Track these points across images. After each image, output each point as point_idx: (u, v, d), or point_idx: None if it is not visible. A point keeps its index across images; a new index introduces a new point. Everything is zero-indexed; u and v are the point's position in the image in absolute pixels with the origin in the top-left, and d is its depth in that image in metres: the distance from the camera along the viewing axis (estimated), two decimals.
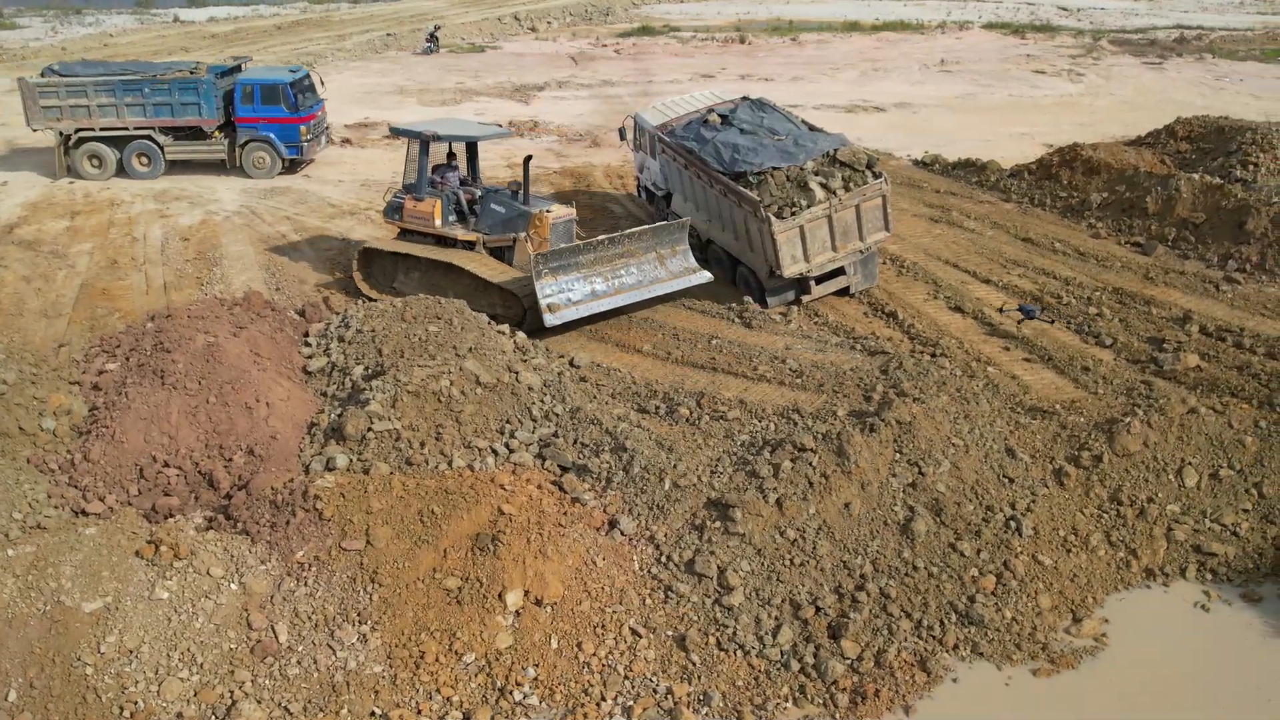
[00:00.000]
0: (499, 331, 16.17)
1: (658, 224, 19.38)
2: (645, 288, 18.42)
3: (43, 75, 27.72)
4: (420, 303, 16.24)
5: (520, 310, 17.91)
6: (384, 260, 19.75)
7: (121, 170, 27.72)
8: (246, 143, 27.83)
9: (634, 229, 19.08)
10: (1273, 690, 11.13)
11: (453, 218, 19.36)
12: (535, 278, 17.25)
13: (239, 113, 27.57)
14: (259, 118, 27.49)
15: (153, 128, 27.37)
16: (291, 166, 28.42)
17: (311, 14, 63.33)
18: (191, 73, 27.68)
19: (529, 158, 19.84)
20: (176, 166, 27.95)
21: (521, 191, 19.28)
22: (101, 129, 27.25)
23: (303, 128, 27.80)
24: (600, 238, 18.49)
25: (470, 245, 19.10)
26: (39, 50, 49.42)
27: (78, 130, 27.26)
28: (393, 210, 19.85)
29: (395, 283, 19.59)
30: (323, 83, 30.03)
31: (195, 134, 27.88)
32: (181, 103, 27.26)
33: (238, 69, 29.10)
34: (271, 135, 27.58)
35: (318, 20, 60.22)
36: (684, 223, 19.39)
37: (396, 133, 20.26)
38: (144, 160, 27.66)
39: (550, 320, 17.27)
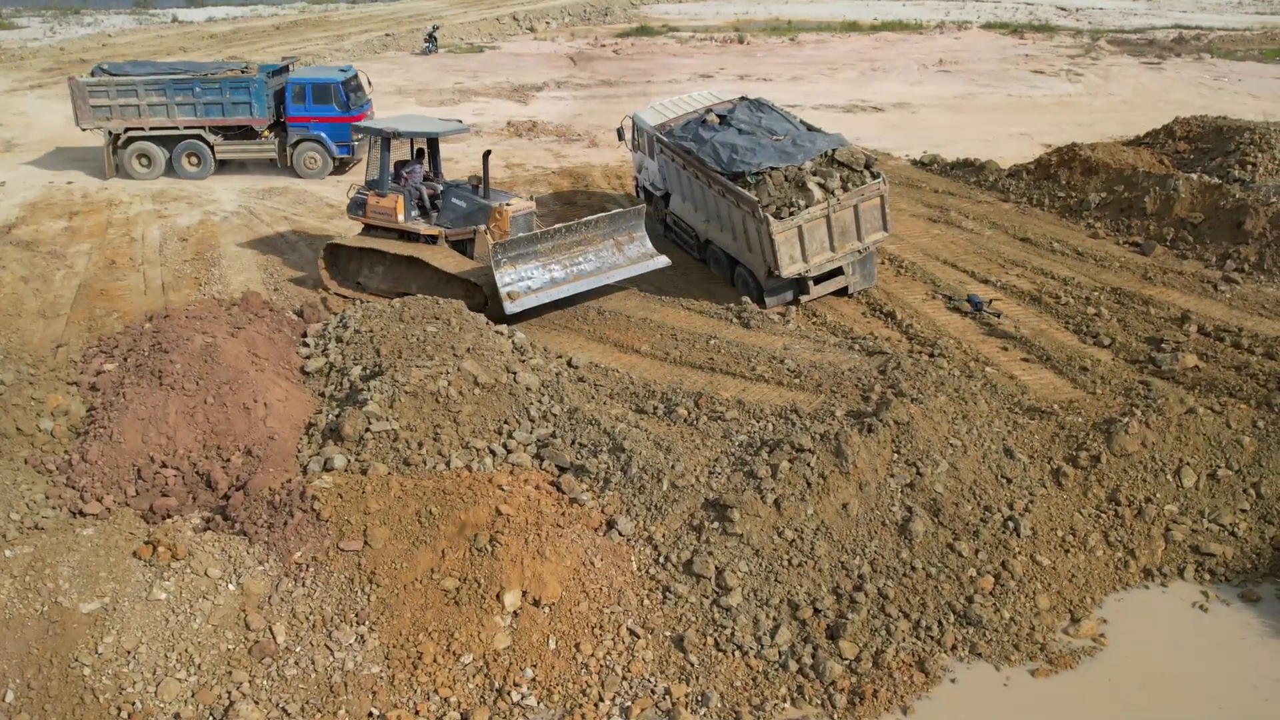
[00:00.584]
0: (497, 332, 16.16)
1: (614, 211, 19.69)
2: (604, 274, 18.78)
3: (92, 74, 27.70)
4: (418, 303, 16.24)
5: (481, 300, 18.12)
6: (349, 256, 19.97)
7: (170, 169, 27.76)
8: (298, 142, 27.90)
9: (591, 216, 19.34)
10: (1271, 690, 11.13)
11: (415, 212, 19.64)
12: (495, 267, 17.49)
13: (290, 112, 27.62)
14: (310, 117, 27.58)
15: (203, 127, 27.41)
16: (340, 166, 28.47)
17: (310, 14, 63.29)
18: (243, 72, 27.72)
19: (488, 152, 20.28)
20: (226, 166, 28.00)
21: (482, 186, 19.60)
22: (151, 128, 27.27)
23: (354, 127, 27.71)
24: (558, 226, 18.76)
25: (433, 239, 19.40)
26: (37, 50, 49.41)
27: (127, 130, 27.30)
28: (356, 206, 20.06)
29: (360, 277, 19.85)
30: (370, 82, 30.06)
31: (245, 133, 27.94)
32: (233, 102, 27.26)
33: (286, 69, 29.12)
34: (323, 135, 27.62)
35: (316, 20, 60.19)
36: (640, 209, 19.72)
37: (359, 130, 20.46)
38: (193, 160, 27.69)
39: (511, 308, 17.53)
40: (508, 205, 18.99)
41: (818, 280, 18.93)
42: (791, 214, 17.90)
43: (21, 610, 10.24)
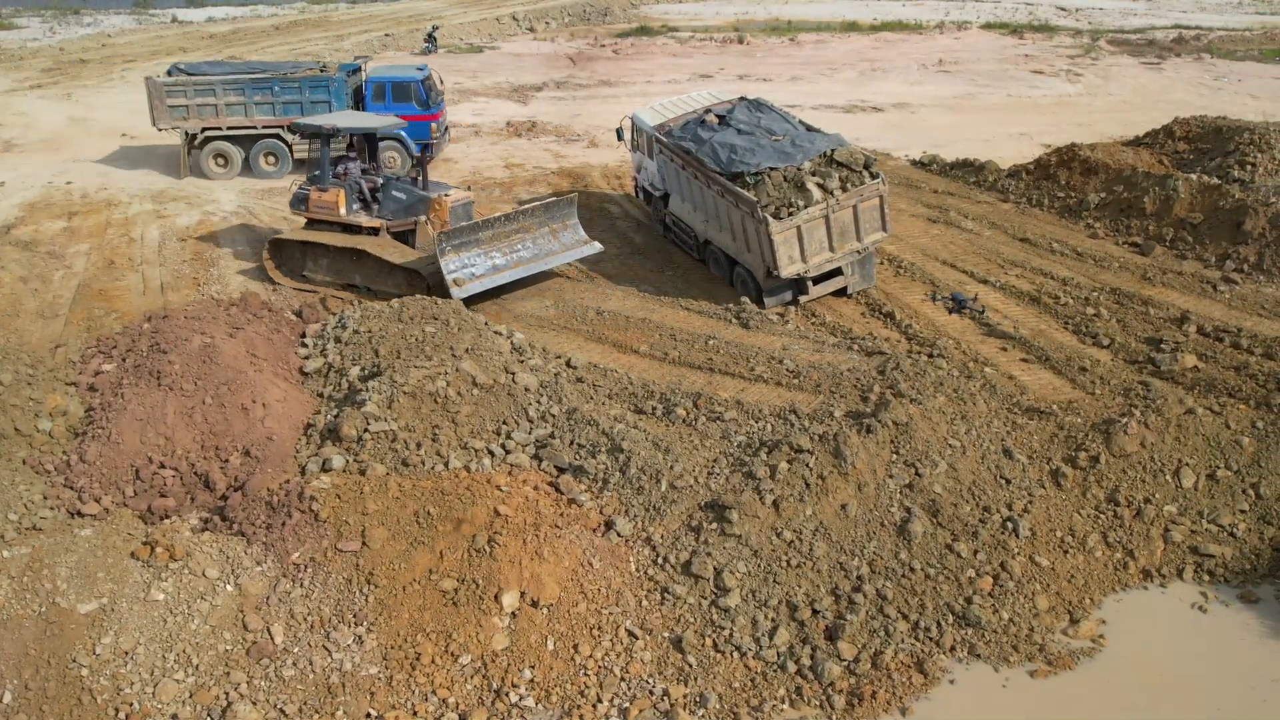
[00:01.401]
0: (495, 332, 16.16)
1: (548, 199, 20.70)
2: (541, 260, 19.72)
3: (169, 74, 27.70)
4: (417, 303, 16.25)
5: (424, 289, 18.70)
6: (293, 249, 20.36)
7: (247, 169, 27.85)
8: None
9: (526, 205, 20.38)
10: (1269, 691, 11.11)
11: (356, 205, 20.09)
12: (439, 255, 18.17)
13: (370, 110, 27.45)
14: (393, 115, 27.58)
15: (281, 126, 27.36)
16: (417, 164, 28.41)
17: (310, 14, 63.30)
18: (322, 70, 27.81)
19: (425, 146, 21.10)
20: (303, 165, 27.81)
21: (421, 178, 20.35)
22: (228, 128, 27.30)
23: (433, 125, 27.93)
24: (497, 215, 19.65)
25: (374, 231, 19.86)
26: (37, 50, 49.41)
27: (204, 130, 27.34)
28: (298, 201, 20.47)
29: (305, 270, 20.26)
30: (442, 81, 30.15)
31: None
32: (311, 101, 27.24)
33: (359, 68, 29.14)
34: (402, 133, 27.44)
35: (316, 20, 60.19)
36: (572, 198, 20.76)
37: (297, 129, 20.96)
38: (271, 159, 27.74)
39: (457, 294, 18.12)
40: (446, 196, 19.84)
41: (817, 280, 18.93)
42: (790, 214, 17.89)
43: (19, 611, 10.23)
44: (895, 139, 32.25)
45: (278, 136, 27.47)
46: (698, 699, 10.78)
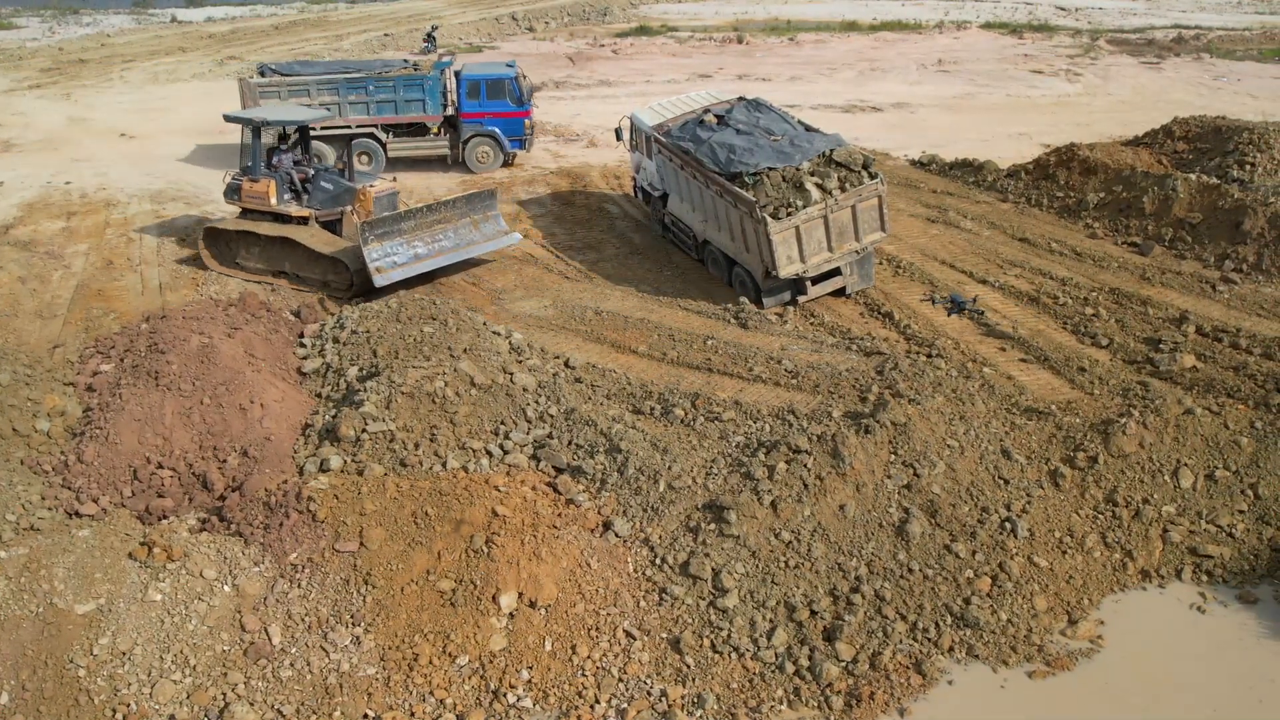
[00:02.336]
0: (494, 332, 16.15)
1: (470, 191, 21.35)
2: (462, 249, 20.53)
3: (262, 75, 27.77)
4: (415, 304, 16.24)
5: (348, 277, 19.51)
6: (227, 238, 20.92)
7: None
8: (470, 137, 28.18)
9: (449, 197, 21.19)
10: (1267, 691, 11.10)
11: (287, 196, 20.76)
12: (363, 244, 18.83)
13: (464, 108, 27.88)
14: (485, 112, 27.94)
15: (375, 125, 27.61)
16: (506, 161, 28.87)
17: (309, 14, 63.27)
18: (416, 69, 28.08)
19: (351, 139, 21.78)
20: (394, 164, 28.19)
21: (347, 169, 21.19)
22: (322, 128, 27.26)
23: (526, 121, 28.24)
24: (419, 206, 20.57)
25: (304, 220, 20.54)
26: (36, 50, 49.39)
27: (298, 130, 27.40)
28: (232, 191, 20.99)
29: (239, 258, 20.86)
30: (525, 76, 30.23)
31: (416, 130, 28.16)
32: (406, 100, 27.55)
33: (451, 66, 29.19)
34: (497, 130, 27.99)
35: (315, 20, 60.17)
36: (493, 190, 21.52)
37: (230, 120, 21.31)
38: (365, 158, 27.78)
39: (379, 281, 18.95)
40: (371, 187, 20.57)
41: (815, 281, 18.92)
42: (789, 214, 17.89)
43: (17, 611, 10.21)
44: (894, 139, 32.23)
45: (371, 135, 27.71)
46: (695, 700, 10.77)
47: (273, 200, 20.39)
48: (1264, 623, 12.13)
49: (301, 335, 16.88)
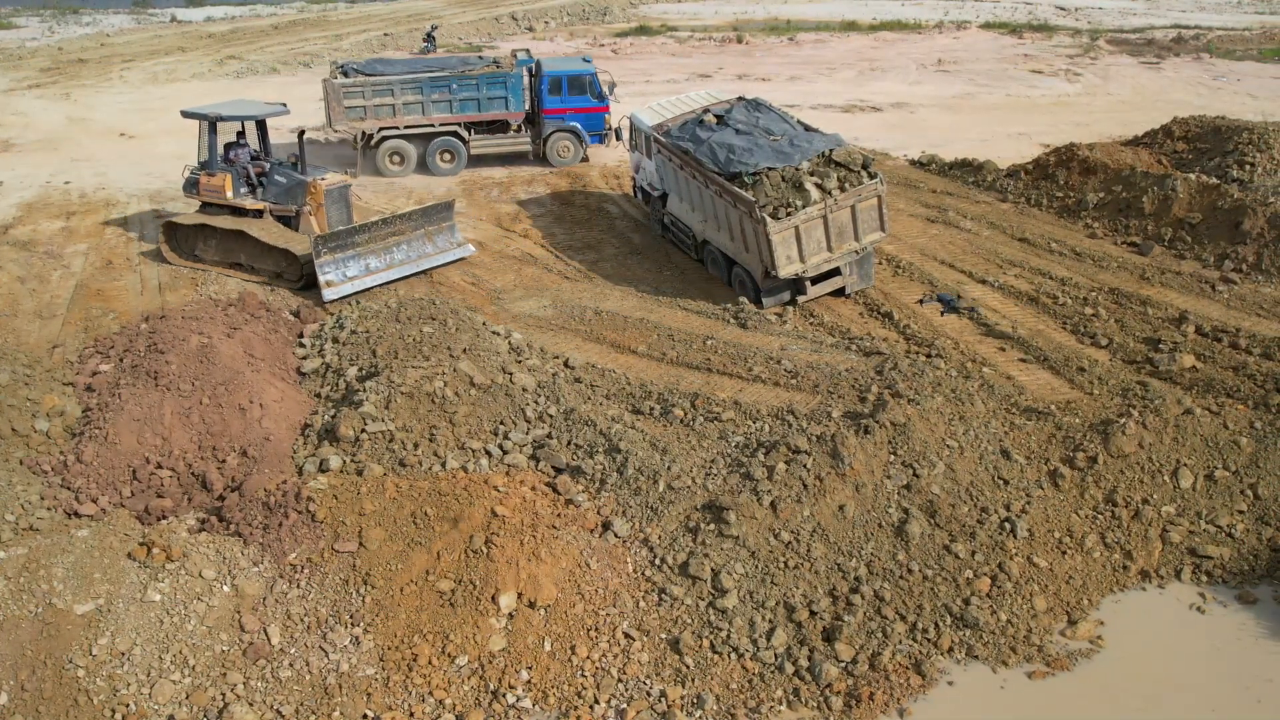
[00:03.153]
0: (494, 332, 16.15)
1: (426, 205, 21.41)
2: (414, 262, 20.49)
3: (344, 74, 27.82)
4: (415, 304, 16.24)
5: (298, 269, 19.77)
6: (186, 231, 21.25)
7: (422, 166, 28.19)
8: (552, 133, 28.48)
9: (405, 210, 21.41)
10: (1266, 692, 11.10)
11: (244, 189, 20.96)
12: (315, 258, 18.89)
13: (546, 104, 28.21)
14: (566, 108, 28.28)
15: (458, 123, 27.77)
16: (584, 156, 29.37)
17: (309, 14, 63.25)
18: (498, 66, 28.23)
19: (302, 131, 21.71)
20: (476, 161, 28.54)
21: (299, 163, 21.22)
22: (405, 127, 27.56)
23: (606, 116, 28.68)
24: (373, 219, 20.44)
25: (259, 213, 20.83)
26: (35, 50, 49.37)
27: (380, 129, 27.60)
28: (190, 185, 21.39)
29: (196, 251, 21.19)
30: (607, 71, 30.78)
31: (497, 128, 28.46)
32: (488, 97, 27.75)
33: (535, 63, 29.13)
34: (577, 125, 28.40)
35: (315, 20, 60.16)
36: (449, 202, 21.54)
37: (187, 115, 21.53)
38: (447, 157, 28.08)
39: (328, 295, 19.01)
40: (322, 180, 20.61)
41: (815, 281, 18.92)
42: (789, 214, 17.88)
43: (16, 612, 10.21)
44: (894, 139, 32.23)
45: (454, 134, 27.87)
46: (695, 700, 10.76)
47: (229, 194, 20.71)
48: (1263, 623, 12.13)
49: (301, 335, 16.88)
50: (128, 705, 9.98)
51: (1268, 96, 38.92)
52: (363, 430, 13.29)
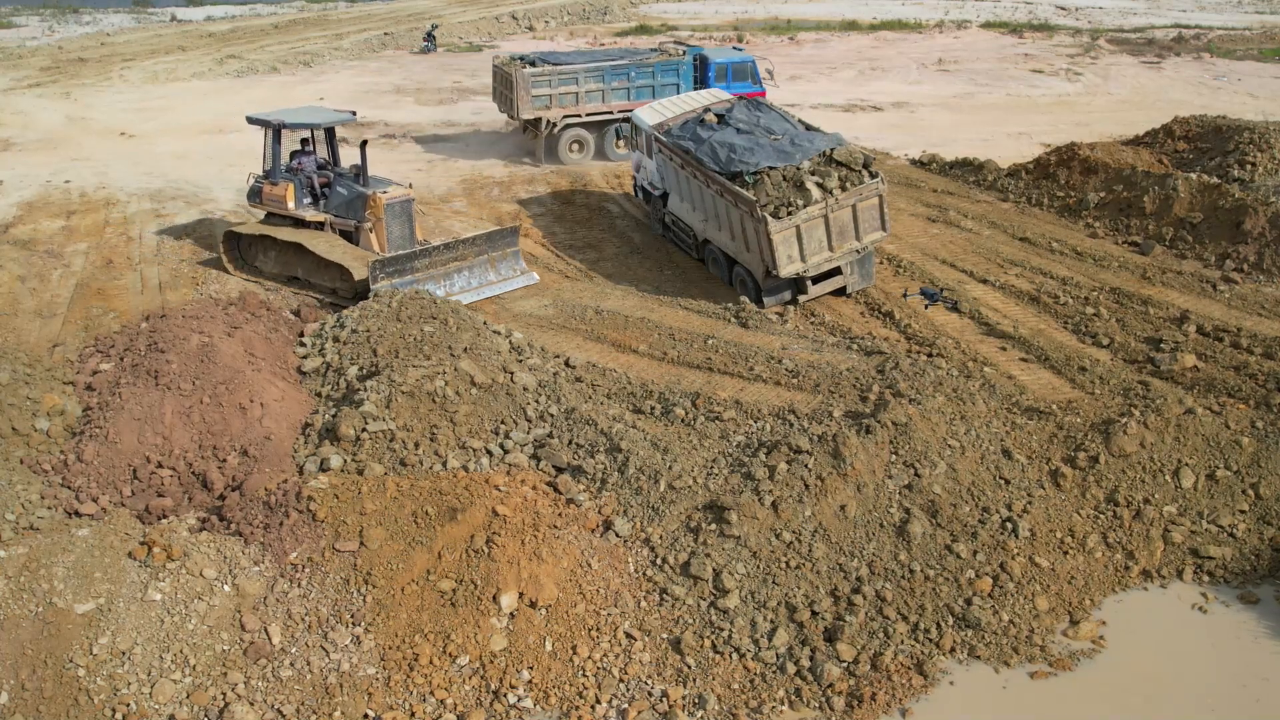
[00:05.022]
0: (494, 331, 16.14)
1: (491, 230, 20.50)
2: (475, 290, 19.42)
3: (533, 65, 28.56)
4: (415, 303, 16.20)
5: (354, 290, 18.73)
6: (247, 242, 20.70)
7: (599, 153, 28.99)
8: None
9: (469, 235, 20.30)
10: (1264, 691, 11.08)
11: (307, 200, 20.35)
12: (371, 282, 18.07)
13: (713, 88, 28.70)
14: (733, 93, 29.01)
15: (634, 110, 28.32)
16: None
17: (309, 13, 63.24)
18: (671, 55, 29.37)
19: (364, 142, 20.69)
20: None
21: (361, 174, 20.21)
22: (586, 114, 28.24)
23: (764, 100, 29.20)
24: (436, 244, 19.54)
25: (320, 226, 20.13)
26: (35, 49, 49.35)
27: (564, 117, 28.25)
28: (253, 194, 20.74)
29: (256, 262, 20.58)
30: (765, 58, 32.06)
31: None
32: (662, 84, 28.71)
33: (702, 52, 30.27)
34: None
35: (315, 19, 60.14)
36: (515, 228, 20.47)
37: (252, 121, 21.08)
38: (622, 144, 28.48)
39: None
40: (383, 193, 19.67)
41: (816, 280, 18.90)
42: (789, 214, 17.86)
43: (16, 611, 10.19)
44: (895, 138, 32.22)
45: (629, 120, 28.12)
46: (696, 700, 10.75)
47: (290, 204, 19.98)
48: (1265, 623, 12.12)
49: (301, 334, 16.85)
50: (128, 705, 9.96)
51: (1268, 96, 38.91)
52: (363, 429, 13.27)
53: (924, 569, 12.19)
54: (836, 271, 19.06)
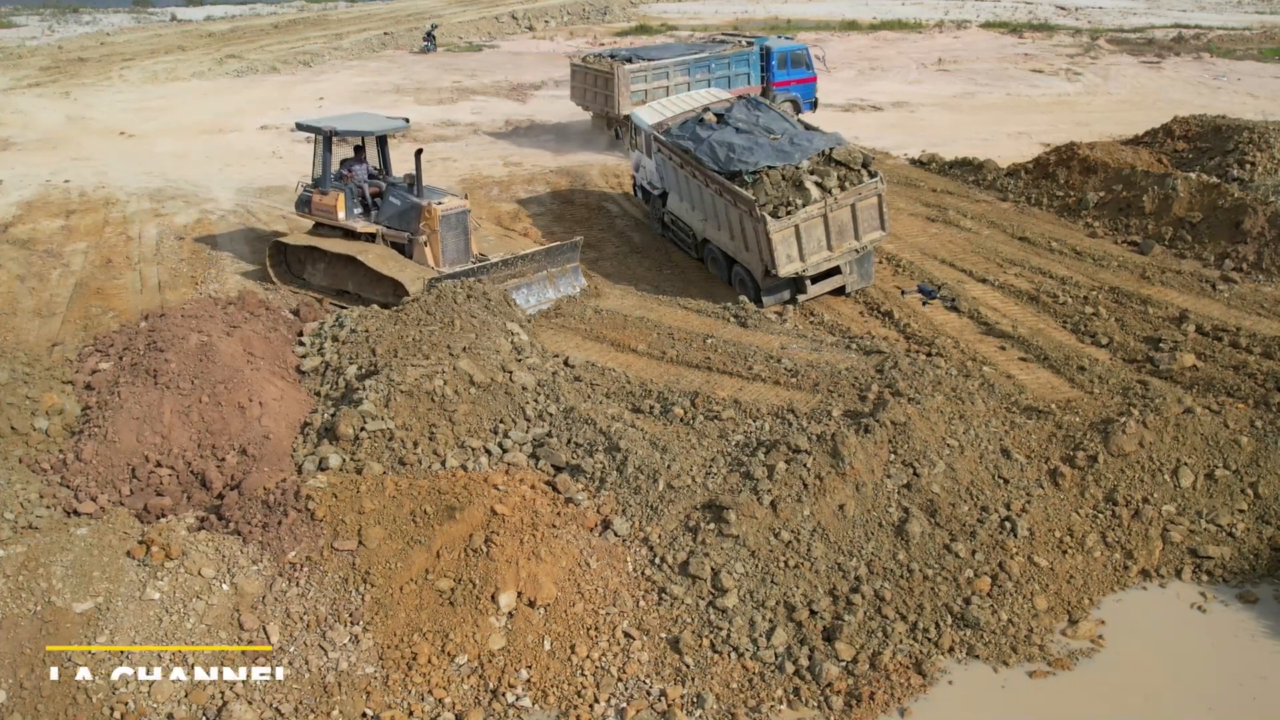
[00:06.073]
0: (508, 331, 16.07)
1: (551, 245, 19.68)
2: (534, 309, 18.66)
3: (630, 61, 29.47)
4: (414, 302, 16.20)
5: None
6: (296, 253, 20.10)
7: None
8: (781, 102, 30.40)
9: (528, 250, 19.45)
10: (1262, 690, 11.07)
11: (358, 210, 19.68)
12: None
13: (775, 77, 31.49)
14: (790, 80, 31.90)
15: None
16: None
17: (309, 13, 63.26)
18: (746, 45, 31.24)
19: (419, 151, 19.97)
20: None
21: (415, 184, 19.33)
22: None
23: (816, 85, 32.87)
24: (495, 260, 18.73)
25: (370, 237, 19.41)
26: (35, 49, 49.36)
27: None
28: (302, 203, 20.17)
29: (305, 274, 19.98)
30: (817, 44, 33.65)
31: None
32: (736, 73, 30.44)
33: (766, 42, 32.37)
34: (797, 94, 31.93)
35: (315, 19, 60.16)
36: (576, 242, 19.65)
37: (300, 128, 20.59)
38: None
39: None
40: (439, 204, 18.87)
41: (815, 279, 18.91)
42: (789, 213, 17.87)
43: (14, 610, 10.18)
44: (894, 138, 32.23)
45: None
46: (695, 699, 10.74)
47: (341, 215, 19.33)
48: (1264, 622, 12.11)
49: (300, 333, 16.85)
50: (126, 704, 9.96)
51: (1268, 96, 38.91)
52: (362, 429, 13.27)
53: (923, 568, 12.18)
54: (836, 271, 19.07)
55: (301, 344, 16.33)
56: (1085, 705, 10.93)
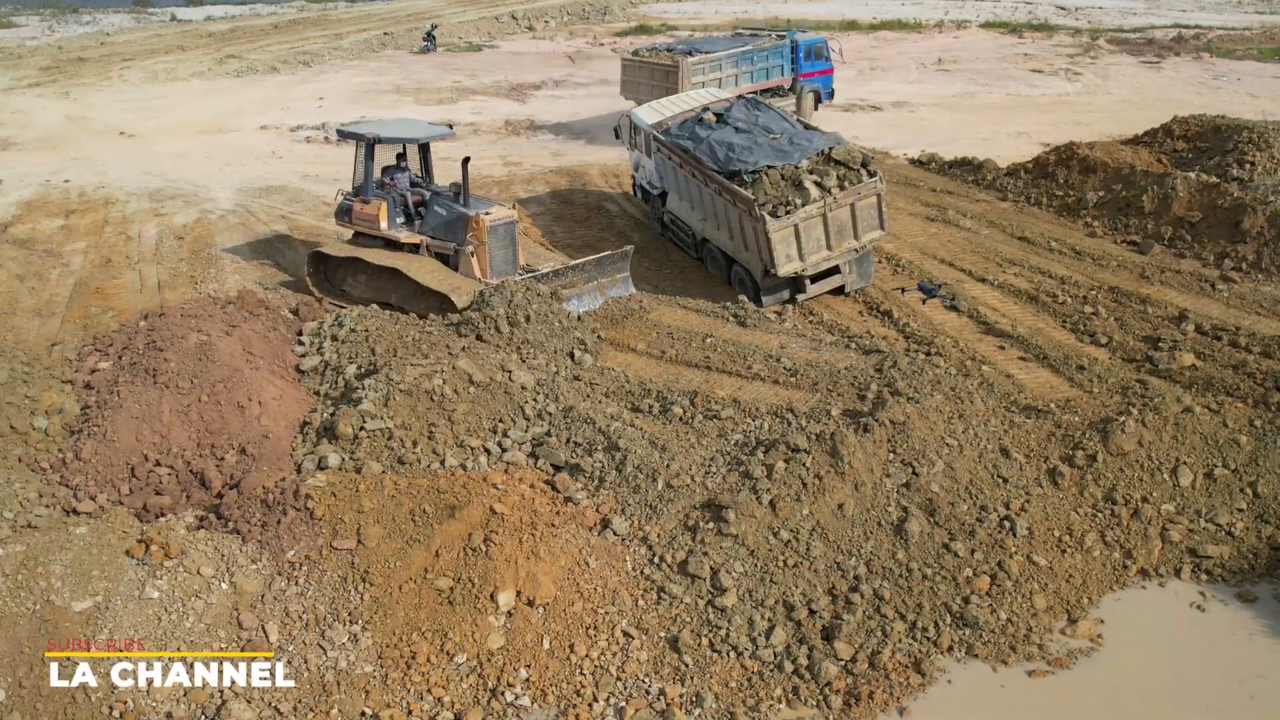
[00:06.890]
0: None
1: (602, 254, 19.21)
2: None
3: (690, 55, 30.66)
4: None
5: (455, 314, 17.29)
6: (335, 264, 19.48)
7: None
8: (805, 92, 33.60)
9: (580, 260, 18.98)
10: (1261, 689, 11.07)
11: (400, 219, 19.06)
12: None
13: (802, 68, 33.41)
14: (814, 71, 33.81)
15: (757, 91, 30.56)
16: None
17: (309, 13, 63.26)
18: (781, 39, 32.94)
19: (466, 159, 18.99)
20: None
21: (461, 194, 18.75)
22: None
23: (833, 76, 34.89)
24: (545, 270, 18.42)
25: (415, 248, 18.84)
26: (35, 49, 49.36)
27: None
28: (342, 212, 19.55)
29: (345, 285, 19.39)
30: (834, 36, 34.97)
31: (772, 92, 32.23)
32: (773, 65, 32.49)
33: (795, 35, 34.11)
34: (818, 85, 34.06)
35: (315, 19, 60.16)
36: (626, 251, 19.33)
37: (342, 135, 19.92)
38: None
39: None
40: (486, 215, 18.29)
41: (814, 279, 18.91)
42: (788, 213, 17.87)
43: (14, 609, 10.19)
44: (894, 138, 32.24)
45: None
46: (694, 699, 10.75)
47: (383, 224, 18.68)
48: (1262, 621, 12.11)
49: (300, 333, 16.85)
50: (125, 702, 9.97)
51: (1268, 96, 38.91)
52: (361, 428, 13.27)
53: (922, 567, 12.18)
54: (835, 270, 19.07)
55: (301, 343, 16.33)
56: (1084, 704, 10.94)
